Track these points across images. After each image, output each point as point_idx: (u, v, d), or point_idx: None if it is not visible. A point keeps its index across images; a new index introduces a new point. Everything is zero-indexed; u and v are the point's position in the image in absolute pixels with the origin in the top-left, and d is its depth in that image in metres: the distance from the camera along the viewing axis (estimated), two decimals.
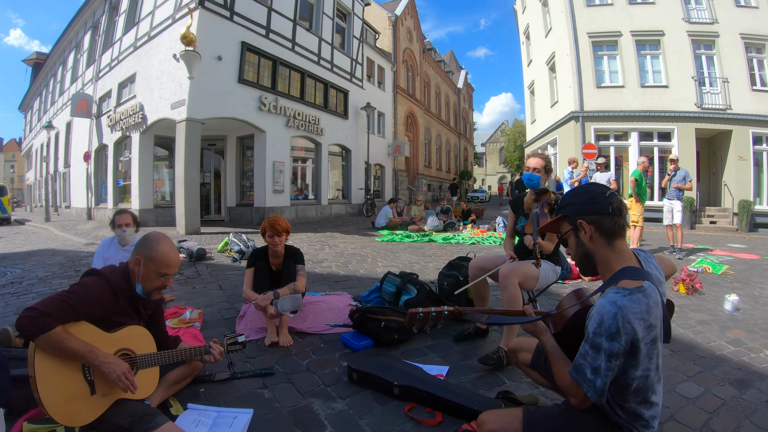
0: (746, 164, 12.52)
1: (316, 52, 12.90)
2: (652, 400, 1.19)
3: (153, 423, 1.52)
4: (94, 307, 1.60)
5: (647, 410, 1.19)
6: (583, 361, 1.15)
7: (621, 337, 1.08)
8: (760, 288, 4.56)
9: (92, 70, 13.57)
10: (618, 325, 1.08)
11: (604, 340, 1.10)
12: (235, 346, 2.05)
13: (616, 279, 1.19)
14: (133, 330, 1.73)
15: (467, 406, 1.81)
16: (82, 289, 1.60)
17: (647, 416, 1.19)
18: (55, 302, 1.48)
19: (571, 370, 1.19)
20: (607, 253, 1.25)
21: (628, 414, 1.19)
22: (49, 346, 1.44)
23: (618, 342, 1.08)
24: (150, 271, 1.74)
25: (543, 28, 16.66)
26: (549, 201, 2.62)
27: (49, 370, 1.45)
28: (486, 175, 60.71)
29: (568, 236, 1.33)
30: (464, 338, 2.77)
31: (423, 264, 5.73)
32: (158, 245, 1.78)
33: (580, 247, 1.30)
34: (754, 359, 2.55)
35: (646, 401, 1.18)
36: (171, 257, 1.79)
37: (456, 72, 40.24)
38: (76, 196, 14.79)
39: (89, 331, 1.57)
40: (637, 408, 1.18)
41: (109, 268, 1.77)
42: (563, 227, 1.34)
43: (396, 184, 21.67)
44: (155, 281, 1.75)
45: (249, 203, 11.51)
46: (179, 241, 6.28)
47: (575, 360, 1.18)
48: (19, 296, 3.99)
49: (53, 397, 1.44)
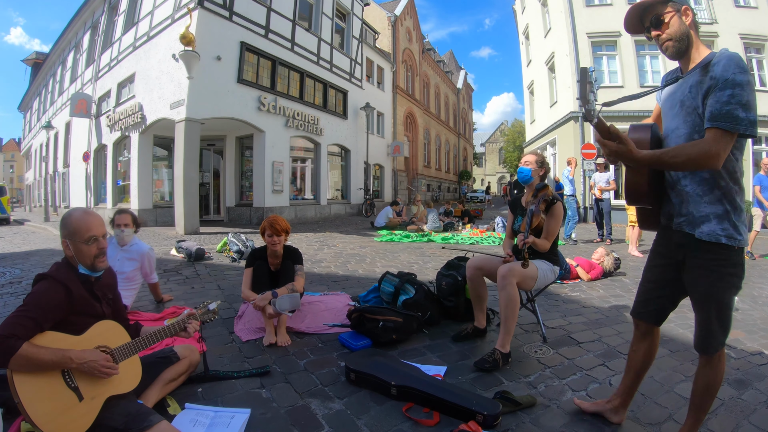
0: (745, 164, 12.51)
1: (316, 52, 12.90)
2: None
3: (147, 422, 1.51)
4: (53, 310, 1.55)
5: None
6: (726, 107, 1.27)
7: (748, 72, 1.29)
8: (759, 288, 4.56)
9: (91, 70, 13.57)
10: (744, 62, 1.30)
11: (740, 74, 1.27)
12: (208, 314, 2.01)
13: (712, 55, 1.38)
14: (102, 325, 1.69)
15: (465, 406, 1.81)
16: (35, 298, 1.55)
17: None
18: (14, 321, 1.44)
19: (716, 123, 1.28)
20: (697, 40, 1.46)
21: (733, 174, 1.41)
22: (24, 366, 1.41)
23: (749, 75, 1.28)
24: (77, 244, 1.68)
25: (542, 29, 16.66)
26: (546, 197, 2.62)
27: (33, 390, 1.43)
28: (485, 175, 60.70)
29: (671, 17, 1.44)
30: (462, 338, 2.77)
31: (422, 264, 5.72)
32: (71, 219, 1.72)
33: (683, 25, 1.43)
34: (753, 359, 2.54)
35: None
36: (86, 220, 1.72)
37: (455, 72, 40.25)
38: (76, 196, 14.78)
39: (59, 339, 1.53)
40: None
41: (54, 266, 1.71)
42: (666, 9, 1.45)
43: (395, 184, 21.66)
44: (88, 251, 1.69)
45: (248, 203, 11.51)
46: (178, 241, 6.27)
47: (713, 113, 1.29)
48: (18, 296, 3.98)
49: (45, 416, 1.42)
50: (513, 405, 1.89)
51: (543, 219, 2.57)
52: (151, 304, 3.63)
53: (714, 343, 1.48)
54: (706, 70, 1.37)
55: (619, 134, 1.38)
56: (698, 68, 1.41)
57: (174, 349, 2.05)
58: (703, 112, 1.37)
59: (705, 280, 1.46)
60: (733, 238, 1.40)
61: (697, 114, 1.40)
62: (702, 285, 1.47)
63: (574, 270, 4.80)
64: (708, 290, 1.46)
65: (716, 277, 1.44)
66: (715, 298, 1.46)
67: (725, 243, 1.40)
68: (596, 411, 1.84)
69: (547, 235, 2.62)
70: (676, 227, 1.55)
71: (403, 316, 2.75)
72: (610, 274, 4.97)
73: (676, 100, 1.51)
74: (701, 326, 1.50)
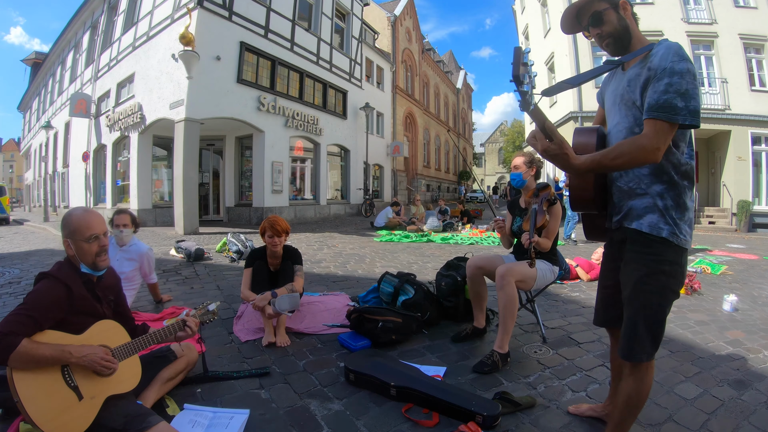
0: (745, 164, 12.53)
1: (315, 52, 12.90)
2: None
3: (146, 423, 1.51)
4: (53, 309, 1.56)
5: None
6: (664, 96, 1.21)
7: (688, 61, 1.23)
8: (758, 288, 4.55)
9: (91, 70, 13.55)
10: (684, 51, 1.25)
11: (679, 62, 1.22)
12: (207, 315, 2.01)
13: (651, 46, 1.34)
14: (102, 325, 1.69)
15: (464, 407, 1.80)
16: (36, 296, 1.56)
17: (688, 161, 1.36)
18: (13, 318, 1.45)
19: (653, 114, 1.23)
20: (638, 31, 1.42)
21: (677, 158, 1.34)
22: (23, 363, 1.41)
23: (690, 63, 1.22)
24: (78, 242, 1.69)
25: (542, 29, 16.67)
26: (548, 197, 2.62)
27: (32, 389, 1.43)
28: (485, 175, 60.68)
29: (607, 13, 1.40)
30: (461, 339, 2.77)
31: (421, 264, 5.72)
32: (71, 218, 1.73)
33: (622, 21, 1.40)
34: (753, 360, 2.54)
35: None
36: (87, 218, 1.72)
37: (455, 72, 40.26)
38: (75, 196, 14.77)
39: (58, 338, 1.53)
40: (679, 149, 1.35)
41: (56, 265, 1.72)
42: (603, 6, 1.41)
43: (395, 184, 21.67)
44: (89, 249, 1.70)
45: (248, 203, 11.50)
46: (177, 242, 6.27)
47: (650, 104, 1.24)
48: (17, 296, 3.97)
49: (44, 415, 1.42)
50: (512, 406, 1.89)
51: (547, 219, 2.56)
52: (150, 305, 3.62)
53: (638, 350, 1.36)
54: (644, 62, 1.32)
55: (554, 133, 1.25)
56: (637, 61, 1.36)
57: (171, 348, 2.05)
58: (642, 105, 1.31)
59: (636, 275, 1.37)
60: (674, 234, 1.33)
61: (637, 107, 1.35)
62: (632, 280, 1.38)
63: (574, 270, 4.80)
64: (636, 287, 1.37)
65: (647, 272, 1.35)
66: (644, 297, 1.35)
67: (665, 237, 1.33)
68: (594, 416, 1.84)
69: (548, 234, 2.62)
70: (615, 225, 1.48)
71: (402, 316, 2.74)
72: None
73: (617, 95, 1.44)
74: (626, 327, 1.39)
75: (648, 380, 1.41)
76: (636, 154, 1.24)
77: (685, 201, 1.36)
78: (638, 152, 1.23)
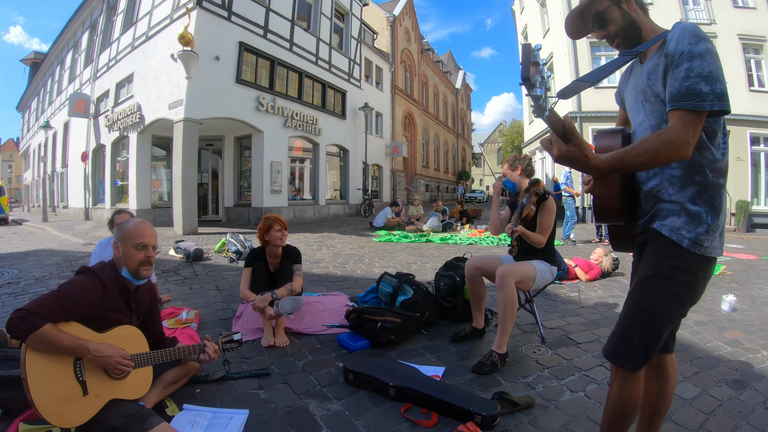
0: (744, 165, 12.56)
1: (314, 52, 12.89)
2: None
3: (147, 424, 1.51)
4: (84, 304, 1.60)
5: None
6: (686, 83, 1.09)
7: (707, 40, 1.11)
8: (757, 288, 4.56)
9: (90, 70, 13.53)
10: (701, 30, 1.13)
11: (697, 43, 1.10)
12: (230, 344, 2.05)
13: (666, 33, 1.22)
14: (125, 330, 1.73)
15: (463, 407, 1.80)
16: (71, 288, 1.60)
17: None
18: (43, 302, 1.49)
19: (677, 103, 1.10)
20: (648, 21, 1.31)
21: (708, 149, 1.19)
22: (40, 345, 1.44)
23: (709, 42, 1.11)
24: (128, 247, 1.76)
25: (541, 29, 16.69)
26: (537, 191, 2.70)
27: (41, 371, 1.45)
28: (484, 175, 60.72)
29: (610, 12, 1.30)
30: (461, 339, 2.77)
31: (420, 264, 5.72)
32: (128, 223, 1.83)
33: (627, 16, 1.29)
34: (752, 360, 2.54)
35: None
36: (142, 228, 1.82)
37: (454, 72, 40.28)
38: (74, 197, 14.75)
39: (80, 331, 1.57)
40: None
41: (99, 264, 1.77)
42: (605, 4, 1.31)
43: (394, 184, 21.67)
44: (136, 255, 1.76)
45: (247, 203, 11.49)
46: (176, 242, 6.26)
47: (672, 93, 1.12)
48: (17, 296, 3.97)
49: (46, 398, 1.44)
50: (511, 406, 1.89)
51: (532, 210, 2.65)
52: None
53: (622, 351, 1.23)
54: (661, 49, 1.20)
55: (574, 133, 1.11)
56: (654, 50, 1.25)
57: None
58: (666, 97, 1.17)
59: (644, 274, 1.25)
60: (697, 244, 1.18)
61: (661, 101, 1.21)
62: (638, 278, 1.27)
63: (573, 270, 4.80)
64: (640, 285, 1.25)
65: (656, 274, 1.21)
66: (643, 298, 1.23)
67: (684, 247, 1.18)
68: None
69: (541, 230, 2.65)
70: (641, 228, 1.33)
71: (401, 316, 2.75)
72: (608, 275, 4.98)
73: (638, 92, 1.32)
74: (618, 325, 1.27)
75: (629, 394, 1.25)
76: (663, 149, 1.08)
77: (721, 203, 1.20)
78: (666, 148, 1.08)
